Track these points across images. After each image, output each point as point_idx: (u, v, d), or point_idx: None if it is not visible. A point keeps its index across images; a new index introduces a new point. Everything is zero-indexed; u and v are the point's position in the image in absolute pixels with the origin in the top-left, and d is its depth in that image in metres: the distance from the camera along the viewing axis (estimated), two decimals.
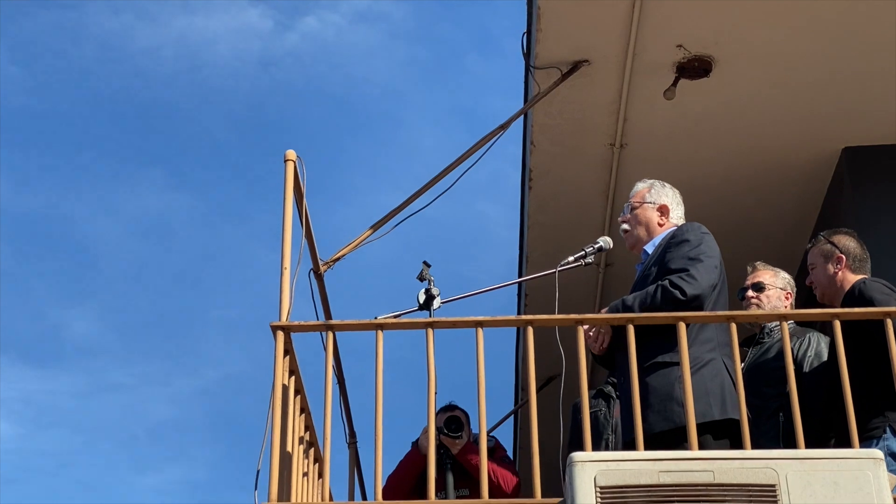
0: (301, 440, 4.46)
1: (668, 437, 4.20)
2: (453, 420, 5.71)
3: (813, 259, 4.98)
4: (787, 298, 5.20)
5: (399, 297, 4.83)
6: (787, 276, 5.27)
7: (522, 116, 6.86)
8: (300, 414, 4.46)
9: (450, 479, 5.67)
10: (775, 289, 5.18)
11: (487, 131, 6.33)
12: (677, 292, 4.34)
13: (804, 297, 5.21)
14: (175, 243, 22.12)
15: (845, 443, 3.96)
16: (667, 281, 4.39)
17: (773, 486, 3.30)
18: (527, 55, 6.46)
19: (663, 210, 4.82)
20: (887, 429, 4.44)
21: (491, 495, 5.29)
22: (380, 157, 22.03)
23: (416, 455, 5.72)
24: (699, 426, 4.11)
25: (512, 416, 9.34)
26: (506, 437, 9.84)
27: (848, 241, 4.94)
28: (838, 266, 4.89)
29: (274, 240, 4.47)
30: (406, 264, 4.92)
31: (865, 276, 4.87)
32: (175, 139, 21.69)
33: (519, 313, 8.33)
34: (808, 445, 3.93)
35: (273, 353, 4.17)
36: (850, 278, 4.85)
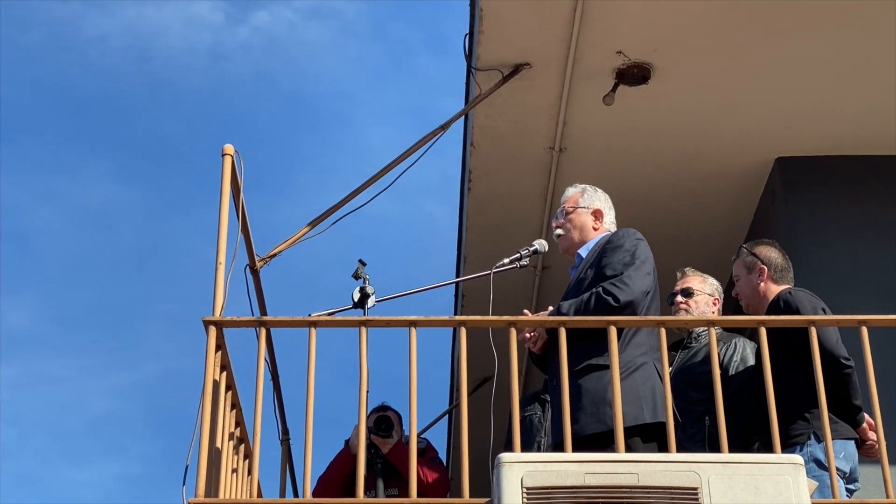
0: (231, 436, 4.45)
1: (599, 438, 4.24)
2: (383, 420, 5.73)
3: (736, 271, 5.05)
4: (714, 304, 5.27)
5: (343, 294, 4.84)
6: (715, 282, 5.34)
7: (463, 117, 6.89)
8: (231, 410, 4.45)
9: (379, 479, 5.69)
10: (704, 294, 5.25)
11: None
12: (610, 299, 4.40)
13: (733, 304, 5.29)
14: (118, 235, 21.88)
15: (769, 447, 4.03)
16: (600, 288, 4.44)
17: (696, 488, 3.35)
18: (468, 56, 6.49)
19: (597, 214, 4.87)
20: (811, 435, 4.51)
21: (420, 496, 5.32)
22: (329, 155, 21.94)
23: (347, 454, 5.73)
24: (630, 429, 4.16)
25: (446, 417, 9.37)
26: (440, 438, 9.88)
27: (769, 252, 5.01)
28: (760, 277, 4.95)
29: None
30: (352, 263, 4.93)
31: (789, 287, 4.94)
32: (121, 130, 21.44)
33: (456, 314, 8.36)
34: (733, 449, 3.98)
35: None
36: (774, 289, 4.92)
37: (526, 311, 4.70)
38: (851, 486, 4.59)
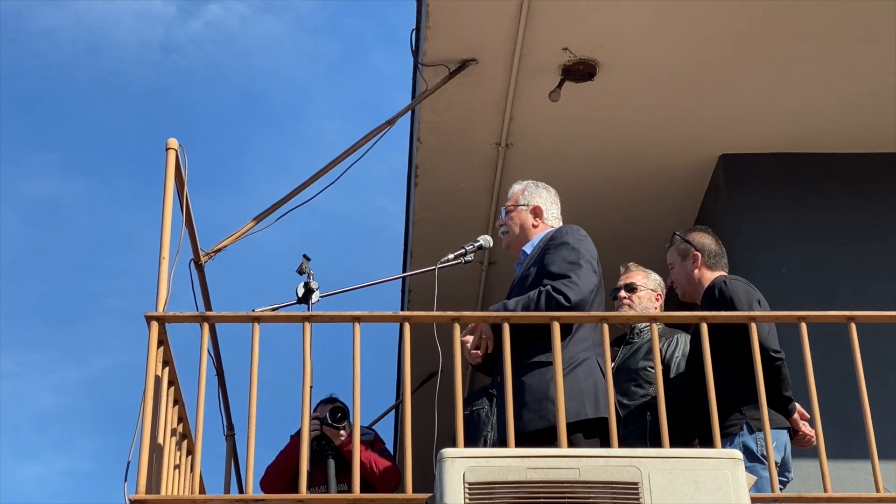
0: (174, 432, 4.43)
1: (542, 435, 4.26)
2: (338, 410, 5.67)
3: (671, 258, 5.06)
4: (657, 300, 5.31)
5: (293, 290, 4.86)
6: (657, 277, 5.38)
7: (410, 113, 6.89)
8: (174, 406, 4.43)
9: (331, 471, 5.66)
10: (646, 290, 5.28)
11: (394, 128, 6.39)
12: (561, 298, 4.41)
13: (677, 300, 5.33)
14: (68, 229, 21.64)
15: (708, 441, 4.07)
16: (549, 287, 4.44)
17: (636, 483, 3.38)
18: (415, 52, 6.49)
19: (537, 212, 4.88)
20: (744, 426, 4.55)
21: (372, 488, 5.32)
22: (282, 149, 21.80)
23: (297, 446, 5.70)
24: (572, 425, 4.18)
25: (393, 412, 9.37)
26: (387, 433, 9.87)
27: (703, 238, 5.01)
28: (695, 264, 4.96)
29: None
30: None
31: (724, 274, 4.95)
32: (71, 124, 21.20)
33: (402, 310, 8.36)
34: (675, 445, 4.02)
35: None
36: (708, 275, 4.92)
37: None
38: (783, 478, 4.64)
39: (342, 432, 5.67)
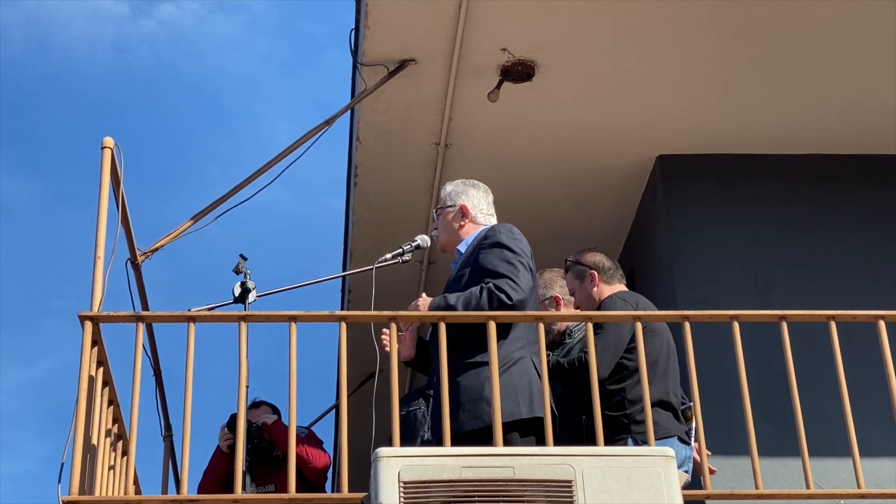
0: (108, 433, 4.40)
1: (477, 435, 4.27)
2: (234, 419, 5.58)
3: (570, 284, 5.11)
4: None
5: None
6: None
7: (350, 113, 6.89)
8: (108, 406, 4.40)
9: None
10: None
11: (342, 127, 6.40)
12: (504, 296, 4.40)
13: None
14: (16, 229, 21.37)
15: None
16: (491, 284, 4.44)
17: (570, 481, 3.40)
18: (354, 52, 6.49)
19: (463, 211, 4.86)
20: (629, 441, 4.57)
21: (305, 475, 5.34)
22: (234, 149, 21.67)
23: (220, 454, 5.70)
24: (507, 424, 4.19)
25: (333, 413, 9.35)
26: (328, 434, 9.85)
27: (594, 257, 5.07)
28: (593, 283, 5.00)
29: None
30: (255, 257, 4.92)
31: (619, 289, 4.98)
32: (20, 122, 20.95)
33: (342, 309, 8.34)
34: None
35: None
36: (607, 290, 4.97)
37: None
38: None
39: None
